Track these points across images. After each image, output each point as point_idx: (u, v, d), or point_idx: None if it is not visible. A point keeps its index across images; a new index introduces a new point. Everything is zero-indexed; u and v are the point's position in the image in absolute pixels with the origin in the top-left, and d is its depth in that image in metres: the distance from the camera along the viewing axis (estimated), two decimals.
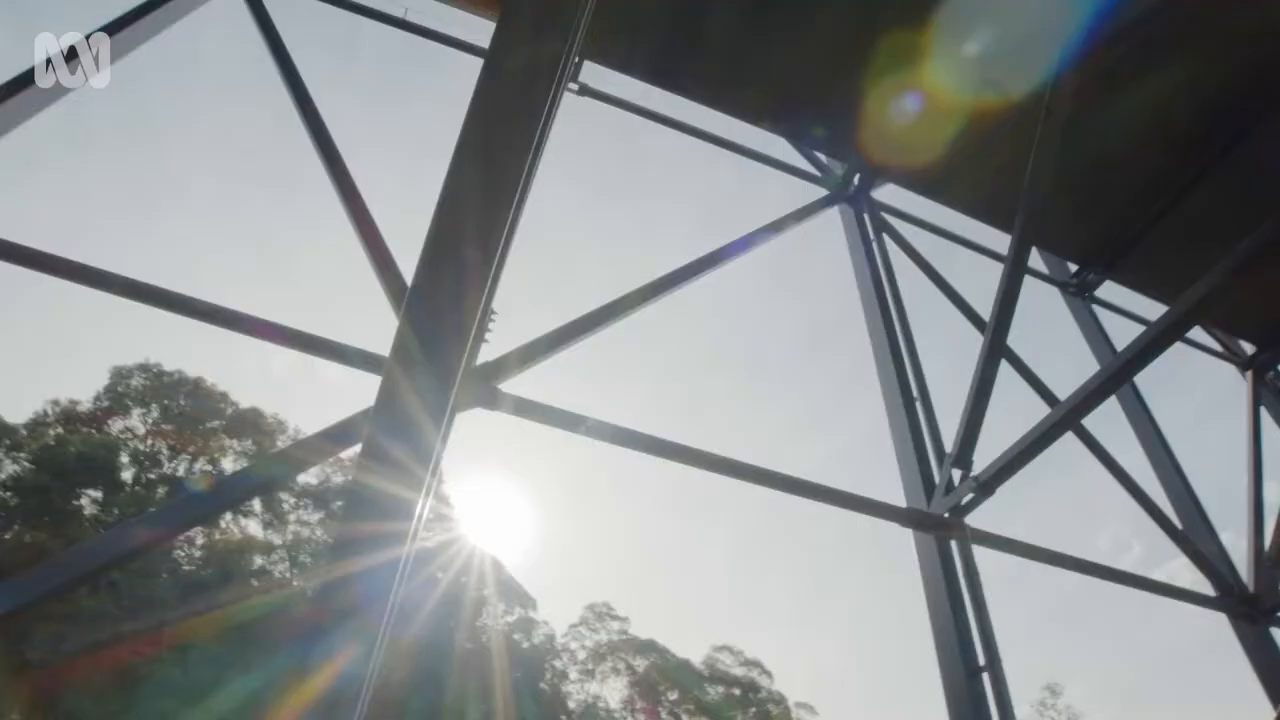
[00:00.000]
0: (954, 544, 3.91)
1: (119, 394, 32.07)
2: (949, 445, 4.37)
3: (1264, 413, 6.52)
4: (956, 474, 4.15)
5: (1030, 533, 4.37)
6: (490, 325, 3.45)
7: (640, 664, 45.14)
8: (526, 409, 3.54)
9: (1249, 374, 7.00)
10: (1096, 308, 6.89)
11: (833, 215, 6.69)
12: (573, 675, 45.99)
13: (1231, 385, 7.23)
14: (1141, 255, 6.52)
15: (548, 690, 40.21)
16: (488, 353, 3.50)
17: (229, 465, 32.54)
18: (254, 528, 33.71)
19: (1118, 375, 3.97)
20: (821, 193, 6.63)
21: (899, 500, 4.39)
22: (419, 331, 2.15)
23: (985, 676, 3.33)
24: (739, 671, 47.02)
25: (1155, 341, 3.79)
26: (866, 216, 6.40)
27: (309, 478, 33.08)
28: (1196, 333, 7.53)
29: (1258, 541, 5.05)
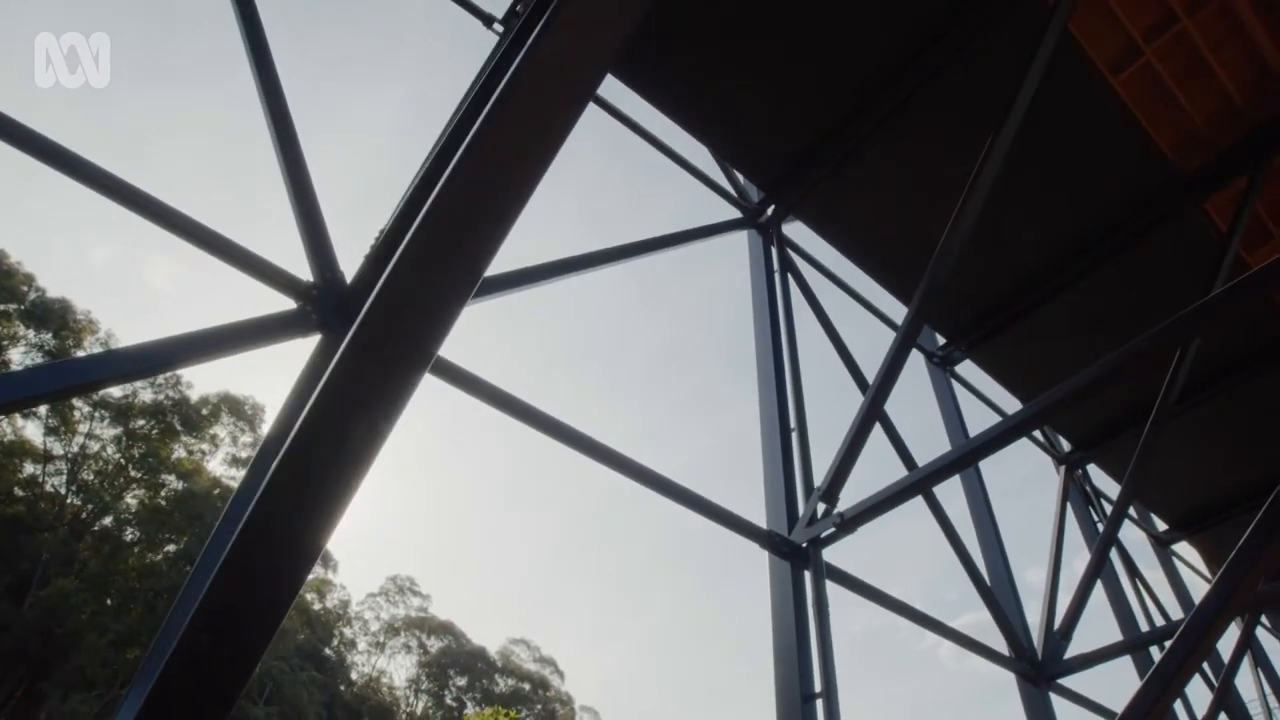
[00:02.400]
0: (808, 574, 4.06)
1: None
2: (816, 478, 4.57)
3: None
4: (821, 507, 4.32)
5: (890, 559, 4.64)
6: None
7: (434, 645, 44.13)
8: None
9: (1063, 469, 7.81)
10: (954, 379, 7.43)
11: (741, 238, 6.83)
12: (361, 646, 44.22)
13: (1047, 469, 8.04)
14: (1001, 345, 7.14)
15: (333, 657, 38.37)
16: None
17: (17, 358, 28.81)
18: (32, 430, 30.02)
19: (965, 459, 4.39)
20: (735, 213, 6.75)
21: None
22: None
23: (819, 703, 3.48)
24: (532, 667, 47.02)
25: (1003, 435, 4.17)
26: (773, 249, 6.58)
27: (117, 390, 29.93)
28: None
29: (1049, 615, 5.62)
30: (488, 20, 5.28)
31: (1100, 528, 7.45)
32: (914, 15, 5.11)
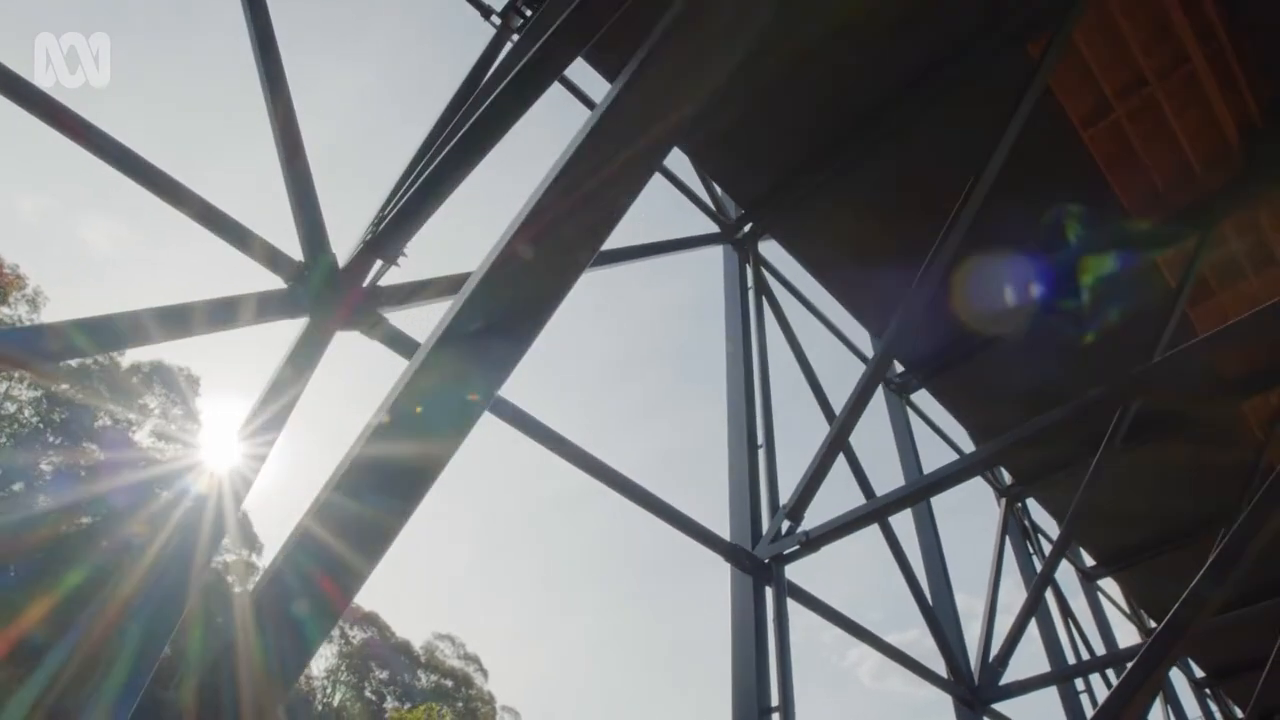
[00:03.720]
0: (769, 590, 4.14)
1: None
2: (782, 494, 4.66)
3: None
4: (785, 525, 4.40)
5: (816, 578, 4.76)
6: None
7: (357, 636, 43.13)
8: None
9: (1003, 501, 8.09)
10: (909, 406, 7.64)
11: (717, 253, 6.92)
12: None
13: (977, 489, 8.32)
14: (955, 379, 7.38)
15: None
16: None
17: None
18: None
19: (919, 494, 4.64)
20: (713, 227, 6.83)
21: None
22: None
23: (775, 716, 3.54)
24: (456, 664, 46.32)
25: (956, 475, 4.36)
26: (749, 267, 6.68)
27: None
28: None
29: (986, 644, 5.82)
30: (486, 12, 5.25)
31: (1035, 560, 7.75)
32: (901, 61, 5.28)
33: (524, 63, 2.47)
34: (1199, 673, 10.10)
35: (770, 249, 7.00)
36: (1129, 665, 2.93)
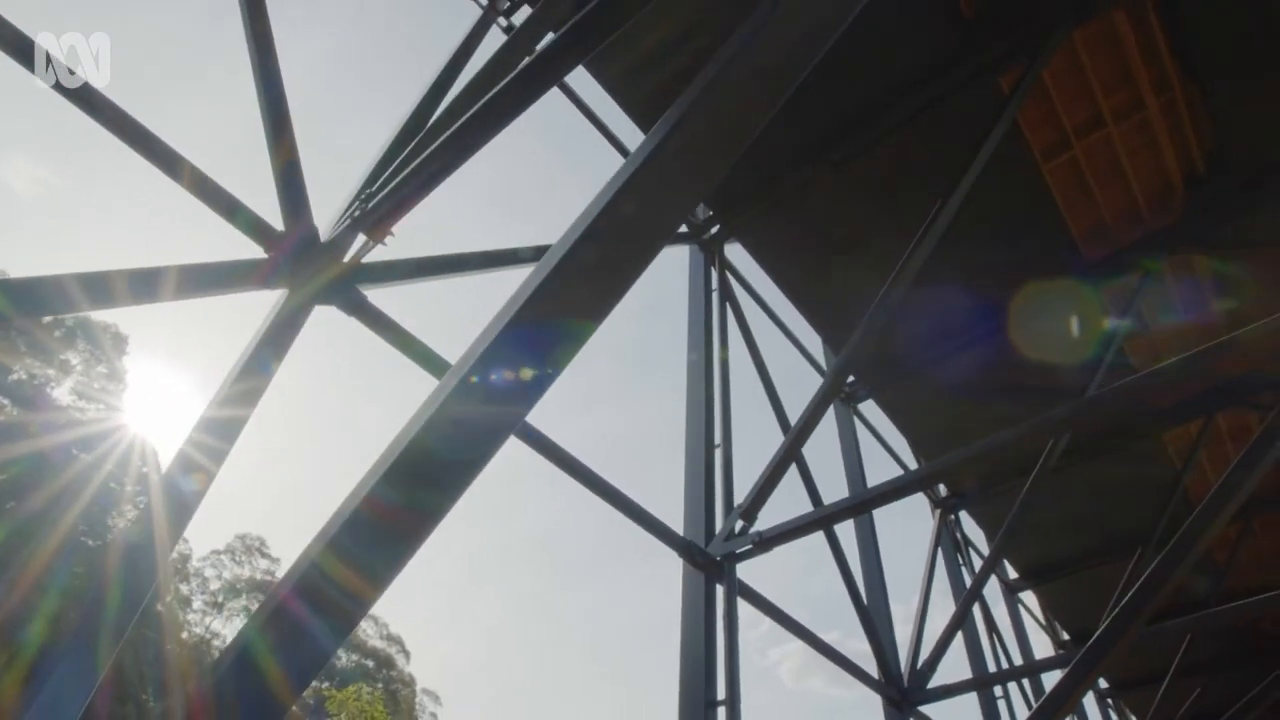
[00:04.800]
0: (720, 587, 4.24)
1: None
2: (737, 494, 4.77)
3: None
4: (739, 524, 4.51)
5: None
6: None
7: None
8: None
9: (938, 512, 8.40)
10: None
11: (682, 252, 7.00)
12: (196, 604, 41.59)
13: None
14: (902, 393, 7.62)
15: (164, 613, 35.88)
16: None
17: None
18: None
19: (863, 505, 4.84)
20: (681, 226, 6.90)
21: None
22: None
23: (722, 710, 3.64)
24: (378, 644, 45.60)
25: (898, 489, 4.55)
26: (714, 269, 6.77)
27: None
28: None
29: (916, 648, 6.06)
30: None
31: (964, 571, 8.08)
32: (875, 82, 5.43)
33: (531, 60, 2.49)
34: (1103, 684, 10.67)
35: (736, 252, 7.12)
36: (1061, 674, 3.11)
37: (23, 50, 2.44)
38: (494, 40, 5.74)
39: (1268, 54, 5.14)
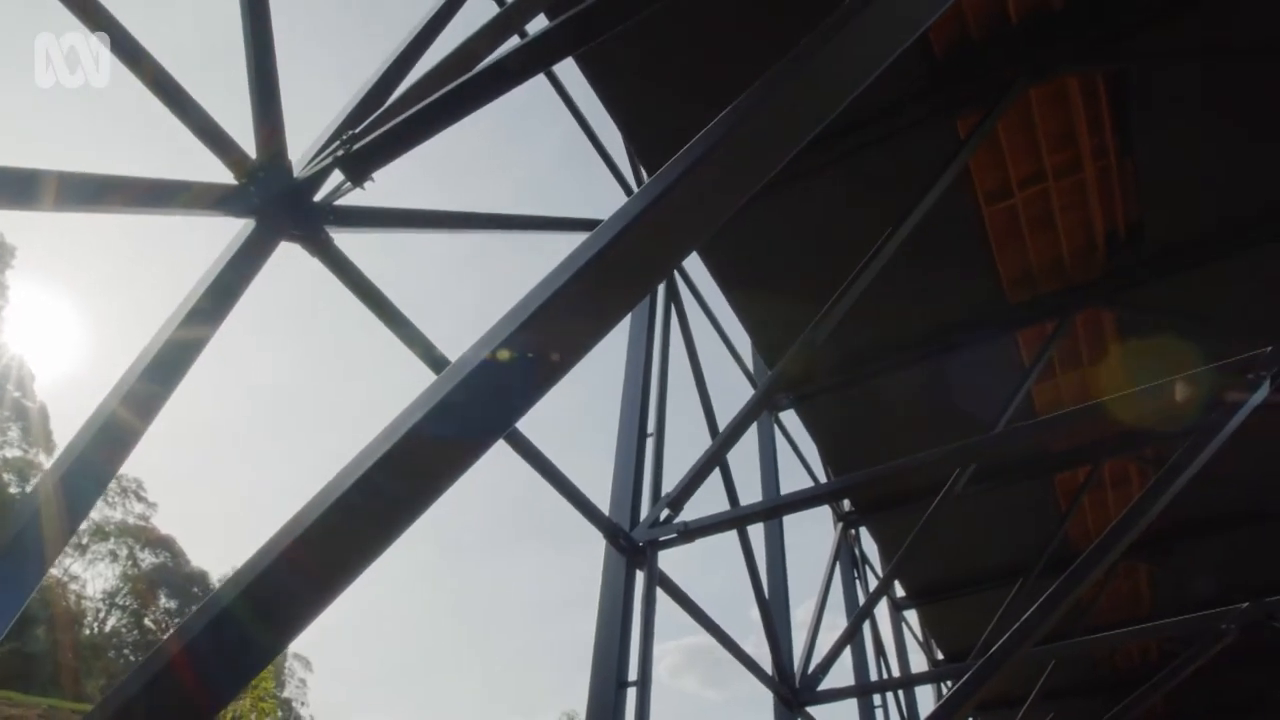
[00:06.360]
0: (641, 573, 4.31)
1: None
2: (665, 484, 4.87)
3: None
4: (665, 513, 4.60)
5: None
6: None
7: (147, 560, 39.86)
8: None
9: (839, 525, 8.75)
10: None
11: None
12: None
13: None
14: (822, 406, 7.89)
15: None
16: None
17: None
18: None
19: (775, 510, 5.15)
20: None
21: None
22: None
23: (632, 690, 3.72)
24: None
25: (809, 499, 4.79)
26: None
27: None
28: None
29: (809, 652, 6.31)
30: None
31: (858, 585, 8.44)
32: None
33: (545, 30, 2.48)
34: None
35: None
36: (932, 689, 3.31)
37: None
38: None
39: (1197, 139, 5.58)
